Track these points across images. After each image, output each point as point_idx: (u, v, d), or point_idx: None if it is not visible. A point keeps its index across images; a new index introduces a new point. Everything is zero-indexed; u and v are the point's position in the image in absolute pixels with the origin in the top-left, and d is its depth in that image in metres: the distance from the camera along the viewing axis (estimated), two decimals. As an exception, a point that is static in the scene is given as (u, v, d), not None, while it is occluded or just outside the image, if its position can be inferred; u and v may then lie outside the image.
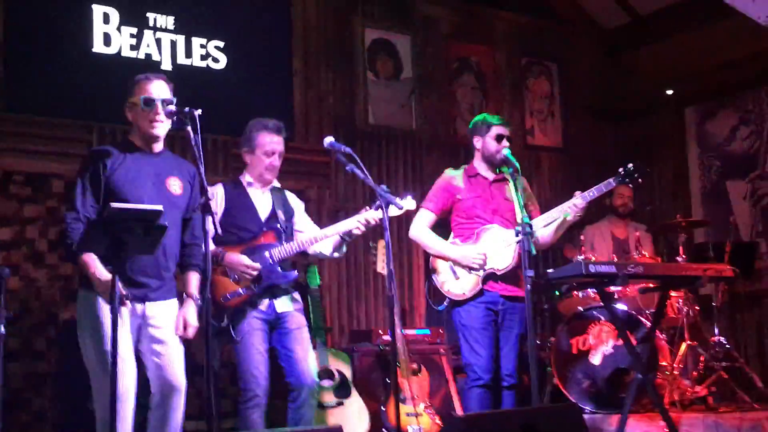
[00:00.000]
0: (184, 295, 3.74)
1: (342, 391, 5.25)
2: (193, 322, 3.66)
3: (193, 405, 3.97)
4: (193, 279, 3.75)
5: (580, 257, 5.74)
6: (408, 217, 4.64)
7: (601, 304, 5.13)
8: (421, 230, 4.67)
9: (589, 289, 5.54)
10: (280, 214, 4.33)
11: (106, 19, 5.88)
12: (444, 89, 7.50)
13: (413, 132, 7.25)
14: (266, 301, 4.18)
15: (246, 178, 4.39)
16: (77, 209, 3.53)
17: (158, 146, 3.74)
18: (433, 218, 4.68)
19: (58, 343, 5.46)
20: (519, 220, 4.14)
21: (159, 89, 3.67)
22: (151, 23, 6.06)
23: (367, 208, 4.28)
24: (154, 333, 3.60)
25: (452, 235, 4.70)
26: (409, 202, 4.28)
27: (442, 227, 4.76)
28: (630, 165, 4.50)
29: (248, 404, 4.03)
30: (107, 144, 5.22)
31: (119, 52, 5.91)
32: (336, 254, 4.47)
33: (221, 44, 6.35)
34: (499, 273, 4.52)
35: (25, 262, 5.57)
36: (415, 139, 7.25)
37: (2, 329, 4.54)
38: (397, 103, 7.23)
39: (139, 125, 3.68)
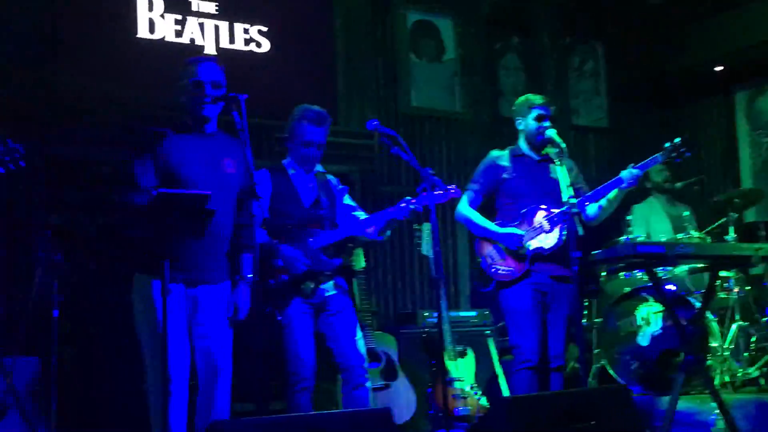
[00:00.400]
0: (236, 276, 3.75)
1: (388, 373, 5.26)
2: (245, 304, 3.68)
3: (240, 386, 4.00)
4: (246, 261, 3.75)
5: (627, 237, 5.68)
6: (452, 199, 4.60)
7: (650, 284, 5.07)
8: (466, 211, 4.64)
9: (637, 270, 5.47)
10: (324, 200, 4.30)
11: (150, 6, 5.94)
12: (487, 70, 7.45)
13: (456, 114, 7.22)
14: (311, 287, 4.17)
15: (290, 164, 4.36)
16: (137, 187, 3.52)
17: (210, 127, 3.74)
18: (477, 199, 4.65)
19: (106, 328, 5.54)
20: (565, 200, 4.10)
21: (208, 71, 3.68)
22: (194, 8, 6.11)
23: (410, 199, 4.22)
24: (204, 316, 3.62)
25: (497, 216, 4.67)
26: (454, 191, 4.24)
27: (485, 209, 4.73)
28: (677, 139, 4.41)
29: (296, 388, 4.04)
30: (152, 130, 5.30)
31: (164, 38, 5.96)
32: (380, 237, 4.46)
33: (264, 29, 6.37)
34: (545, 254, 4.47)
35: (75, 248, 5.64)
36: (458, 121, 7.22)
37: (56, 312, 4.65)
38: (439, 84, 7.19)
39: (189, 107, 3.70)
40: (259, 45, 6.35)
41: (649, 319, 5.43)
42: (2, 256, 5.34)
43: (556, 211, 4.39)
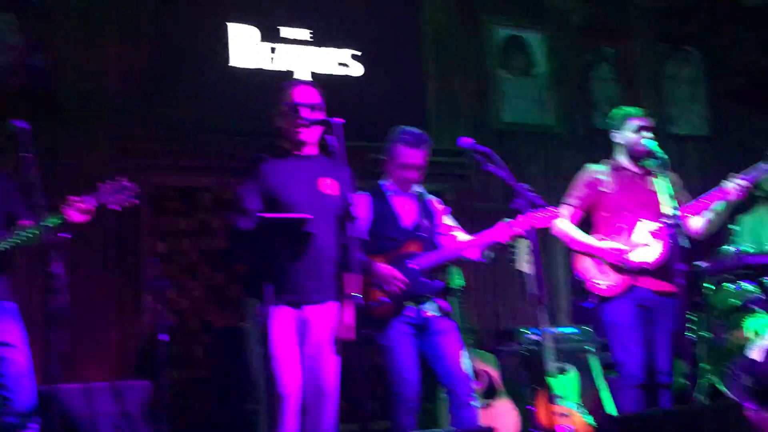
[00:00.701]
0: (343, 296, 3.76)
1: (489, 392, 5.22)
2: (351, 323, 3.68)
3: (344, 407, 4.02)
4: (351, 281, 3.71)
5: (734, 248, 5.50)
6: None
7: (759, 295, 4.90)
8: (564, 225, 4.58)
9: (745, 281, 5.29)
10: (424, 222, 4.28)
11: (245, 35, 6.11)
12: (579, 82, 7.36)
13: (548, 128, 7.15)
14: (412, 308, 4.14)
15: (389, 185, 4.35)
16: (241, 212, 3.57)
17: (310, 149, 3.78)
18: (576, 214, 4.59)
19: (213, 350, 5.68)
20: (667, 212, 4.00)
21: (305, 95, 3.73)
22: (287, 36, 6.26)
23: (511, 221, 4.19)
24: (311, 336, 3.64)
25: (596, 229, 4.60)
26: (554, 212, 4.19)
27: (583, 222, 4.66)
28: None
29: (400, 408, 4.03)
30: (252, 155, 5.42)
31: (257, 66, 6.12)
32: (482, 260, 4.43)
33: (355, 52, 6.47)
34: (648, 267, 4.37)
35: (181, 274, 5.83)
36: (552, 135, 7.15)
37: (165, 337, 4.79)
38: (531, 99, 7.15)
39: (286, 131, 3.75)
40: (352, 69, 6.45)
41: (760, 331, 5.24)
42: (112, 282, 5.54)
43: (658, 224, 4.29)
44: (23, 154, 3.26)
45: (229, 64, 6.04)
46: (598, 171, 4.60)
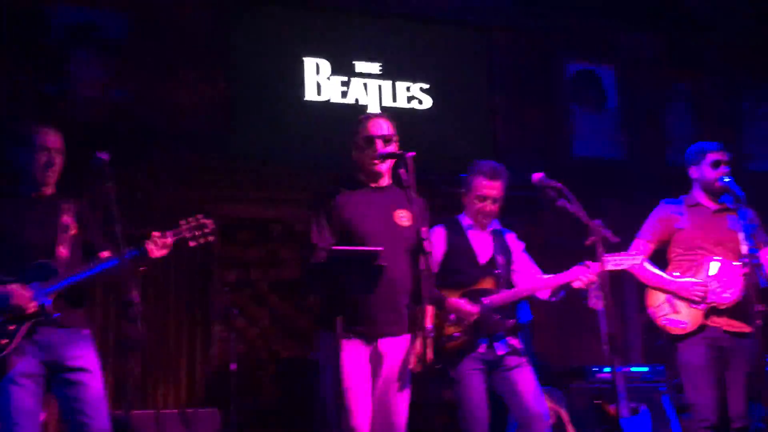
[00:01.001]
0: (416, 329, 3.67)
1: (558, 430, 5.12)
2: (428, 356, 3.65)
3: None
4: (427, 312, 3.64)
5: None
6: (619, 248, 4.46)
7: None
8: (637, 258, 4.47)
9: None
10: (499, 258, 4.23)
11: (317, 69, 6.22)
12: (653, 118, 7.26)
13: (621, 163, 7.06)
14: (484, 345, 4.09)
15: (466, 219, 4.32)
16: (313, 244, 3.59)
17: (384, 181, 3.78)
18: (649, 249, 4.49)
19: (280, 380, 5.72)
20: (745, 251, 3.90)
21: (379, 127, 3.75)
22: (358, 70, 6.34)
23: (588, 263, 4.13)
24: (384, 370, 3.62)
25: (670, 267, 4.50)
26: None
27: (656, 259, 4.57)
28: None
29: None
30: (326, 187, 5.47)
31: (329, 100, 6.21)
32: (553, 299, 4.37)
33: (425, 86, 6.52)
34: (722, 307, 4.26)
35: (250, 303, 5.89)
36: (624, 171, 7.05)
37: (233, 366, 4.85)
38: (603, 134, 7.08)
39: (361, 163, 3.78)
40: (420, 102, 6.49)
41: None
42: (183, 311, 5.63)
43: (735, 262, 4.18)
44: (104, 185, 3.34)
45: (305, 98, 6.14)
46: (673, 207, 4.51)
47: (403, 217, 3.70)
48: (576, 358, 6.55)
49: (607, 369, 5.58)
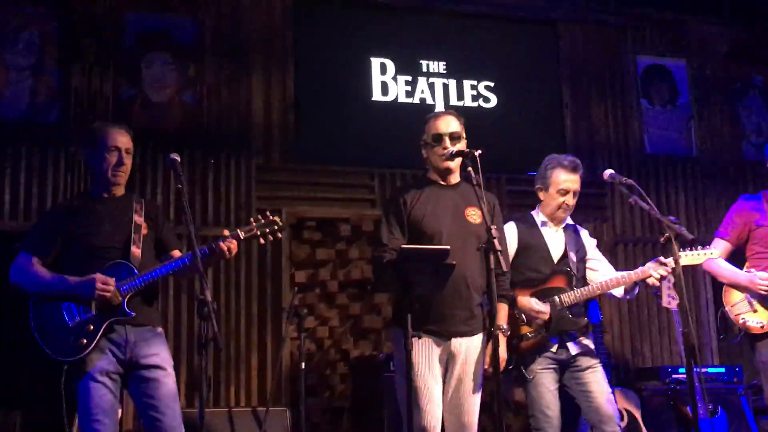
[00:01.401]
0: (491, 327, 3.66)
1: (632, 431, 5.03)
2: (502, 354, 3.61)
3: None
4: (501, 310, 3.67)
5: None
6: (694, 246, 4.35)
7: None
8: (714, 259, 4.35)
9: None
10: (572, 256, 4.16)
11: (383, 69, 6.24)
12: (726, 112, 7.09)
13: (694, 159, 6.91)
14: (556, 345, 4.03)
15: (539, 216, 4.25)
16: (384, 243, 3.62)
17: (454, 179, 3.78)
18: (727, 247, 4.37)
19: (350, 379, 5.74)
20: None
21: (447, 124, 3.75)
22: (424, 69, 6.34)
23: (661, 259, 4.05)
24: (457, 369, 3.61)
25: (748, 264, 4.38)
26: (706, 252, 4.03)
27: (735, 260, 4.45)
28: None
29: (540, 444, 3.95)
30: (395, 186, 5.50)
31: (396, 99, 6.22)
32: (627, 297, 4.29)
33: (491, 84, 6.48)
34: (803, 305, 4.12)
35: (319, 303, 5.93)
36: (696, 166, 6.90)
37: (303, 366, 4.89)
38: (674, 129, 6.94)
39: (431, 160, 3.78)
40: (487, 100, 6.45)
41: None
42: (254, 310, 5.70)
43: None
44: (176, 186, 3.40)
45: (372, 99, 6.17)
46: (752, 203, 4.39)
47: (473, 215, 3.68)
48: (650, 358, 6.44)
49: (682, 370, 5.46)
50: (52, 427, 3.74)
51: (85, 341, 3.41)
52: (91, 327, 3.43)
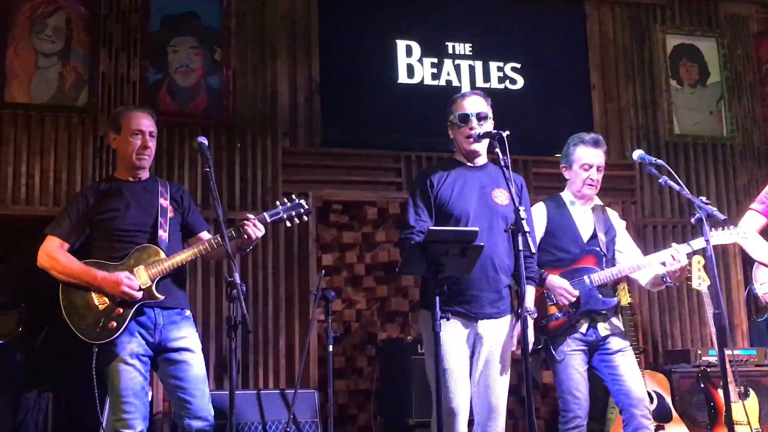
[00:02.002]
0: (519, 309, 3.55)
1: (661, 414, 5.00)
2: (529, 338, 3.58)
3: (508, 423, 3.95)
4: (528, 292, 3.60)
5: None
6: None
7: None
8: (748, 235, 4.27)
9: None
10: (602, 236, 4.12)
11: (409, 51, 6.20)
12: (757, 92, 6.99)
13: (724, 140, 6.82)
14: (585, 325, 4.00)
15: (567, 195, 4.23)
16: (411, 226, 3.62)
17: (481, 160, 3.77)
18: (762, 222, 4.28)
19: (377, 362, 5.75)
20: None
21: (473, 104, 3.72)
22: (449, 51, 6.29)
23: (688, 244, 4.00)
24: (485, 351, 3.61)
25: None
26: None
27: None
28: None
29: (568, 425, 3.90)
30: (421, 169, 5.47)
31: (422, 81, 6.19)
32: (653, 289, 4.24)
33: (518, 65, 6.42)
34: (834, 283, 4.05)
35: (346, 286, 5.94)
36: (726, 147, 6.82)
37: (331, 348, 4.90)
38: (704, 110, 6.85)
39: (457, 141, 3.76)
40: (513, 82, 6.40)
41: None
42: (281, 293, 5.72)
43: None
44: (204, 169, 3.40)
45: (398, 81, 6.13)
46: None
47: (500, 196, 3.66)
48: (680, 340, 6.39)
49: (713, 352, 5.42)
50: (84, 409, 3.78)
51: (114, 324, 3.44)
52: (120, 310, 3.46)
